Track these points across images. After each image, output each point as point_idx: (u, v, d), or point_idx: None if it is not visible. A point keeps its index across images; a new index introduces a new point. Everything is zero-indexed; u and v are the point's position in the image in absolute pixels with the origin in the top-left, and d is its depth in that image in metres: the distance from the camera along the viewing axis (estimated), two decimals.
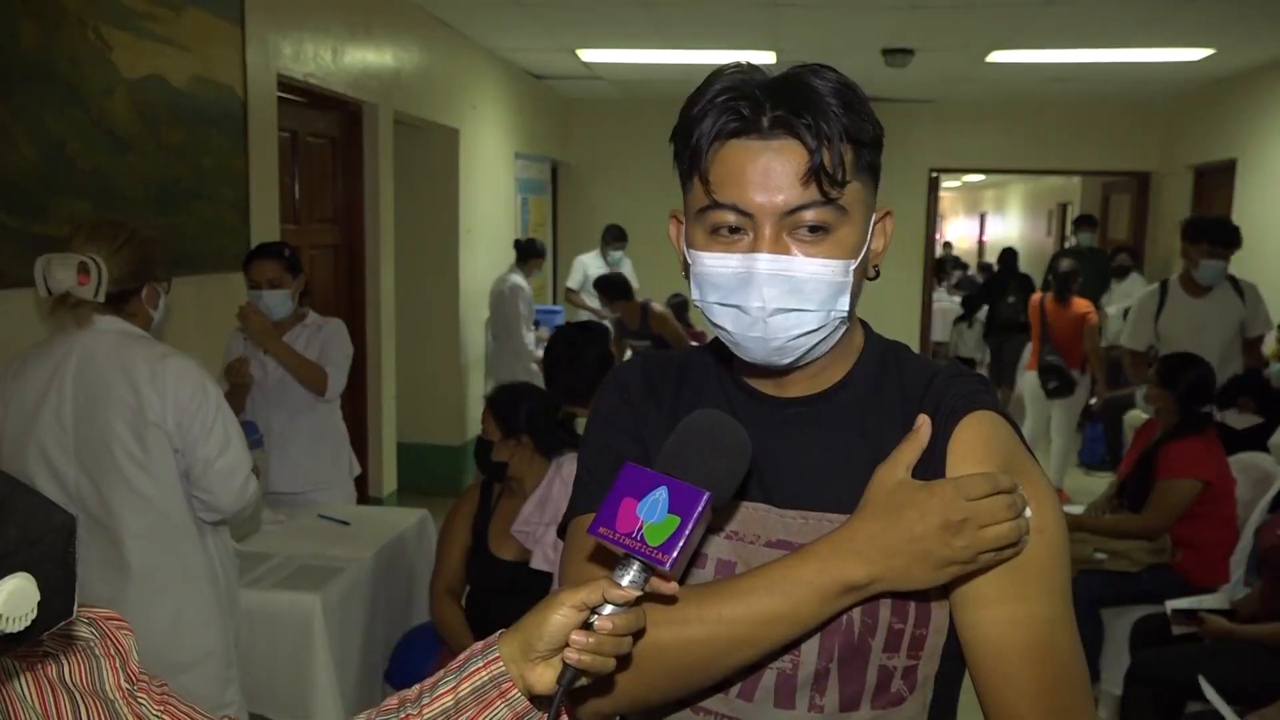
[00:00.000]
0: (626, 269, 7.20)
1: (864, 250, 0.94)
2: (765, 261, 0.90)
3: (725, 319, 0.94)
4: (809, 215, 0.89)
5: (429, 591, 2.84)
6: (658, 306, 5.72)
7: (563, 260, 8.47)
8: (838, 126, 0.88)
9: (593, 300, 7.03)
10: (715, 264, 0.92)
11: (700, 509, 0.82)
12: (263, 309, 3.15)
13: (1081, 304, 6.08)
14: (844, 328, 0.97)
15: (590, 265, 7.08)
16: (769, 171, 0.88)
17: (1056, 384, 6.12)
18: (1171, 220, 7.85)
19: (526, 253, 6.27)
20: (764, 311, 0.91)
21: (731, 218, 0.91)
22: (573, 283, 7.11)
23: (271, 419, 3.23)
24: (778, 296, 0.90)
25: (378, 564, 2.90)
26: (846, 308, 0.93)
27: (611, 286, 5.78)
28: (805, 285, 0.90)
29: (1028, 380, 6.30)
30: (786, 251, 0.90)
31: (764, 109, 0.89)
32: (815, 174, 0.88)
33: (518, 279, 6.13)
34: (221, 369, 3.27)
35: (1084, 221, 7.93)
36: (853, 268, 0.92)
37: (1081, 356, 6.06)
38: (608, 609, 0.82)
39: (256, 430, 2.98)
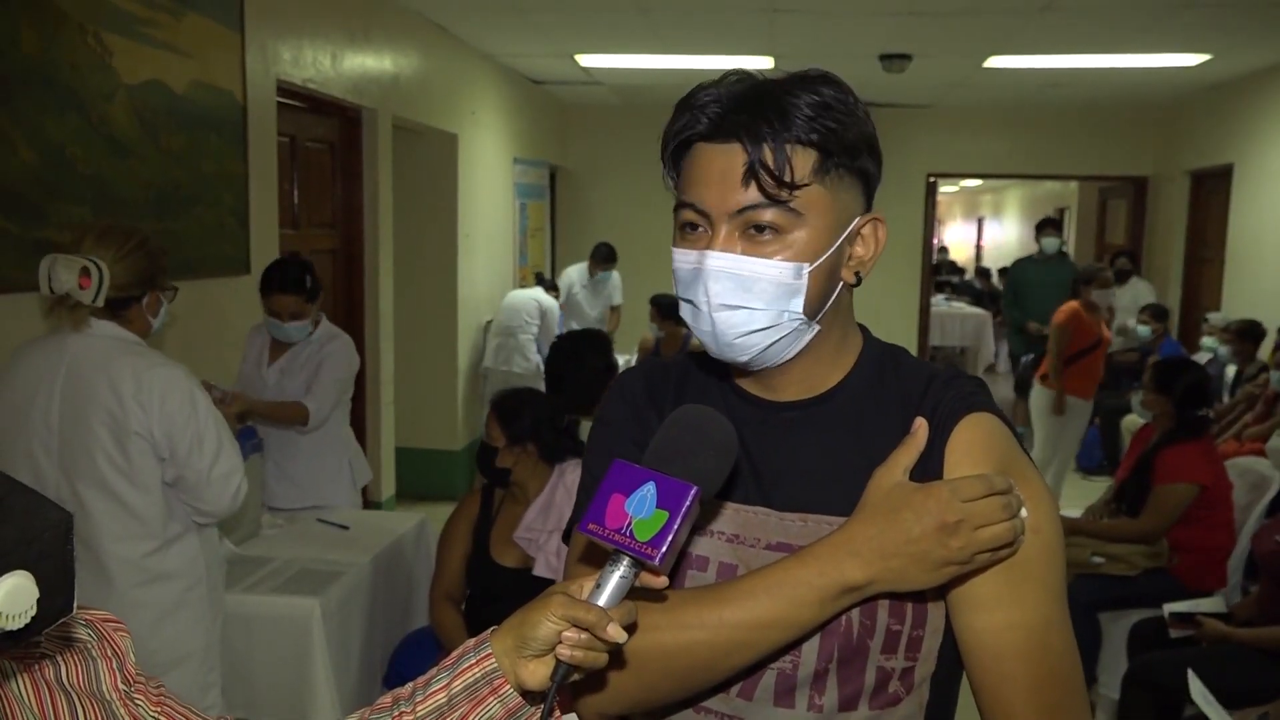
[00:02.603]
0: (613, 282, 7.12)
1: (828, 254, 0.95)
2: (713, 258, 0.94)
3: (686, 312, 0.99)
4: (759, 216, 0.92)
5: (429, 596, 2.84)
6: (698, 341, 5.83)
7: (560, 267, 8.47)
8: (792, 131, 0.90)
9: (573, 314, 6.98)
10: (679, 259, 0.98)
11: (688, 503, 0.83)
12: (281, 336, 3.20)
13: (1069, 307, 5.82)
14: (810, 331, 0.98)
15: (576, 280, 7.03)
16: (724, 174, 0.93)
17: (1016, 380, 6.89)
18: (1169, 225, 7.88)
19: (551, 286, 6.76)
20: (709, 306, 0.95)
21: (693, 216, 0.96)
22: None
23: (269, 436, 3.21)
24: (722, 292, 0.94)
25: (376, 568, 2.91)
26: (801, 309, 0.95)
27: (668, 307, 5.98)
28: (753, 284, 0.93)
29: (1034, 394, 6.00)
30: (735, 250, 0.93)
31: (726, 114, 0.92)
32: (754, 175, 0.91)
33: (556, 303, 6.56)
34: (239, 368, 3.29)
35: (1047, 225, 7.38)
36: (807, 270, 0.94)
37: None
38: (602, 598, 0.83)
39: (255, 434, 2.98)
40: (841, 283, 0.99)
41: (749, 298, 0.93)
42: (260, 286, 3.21)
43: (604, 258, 6.96)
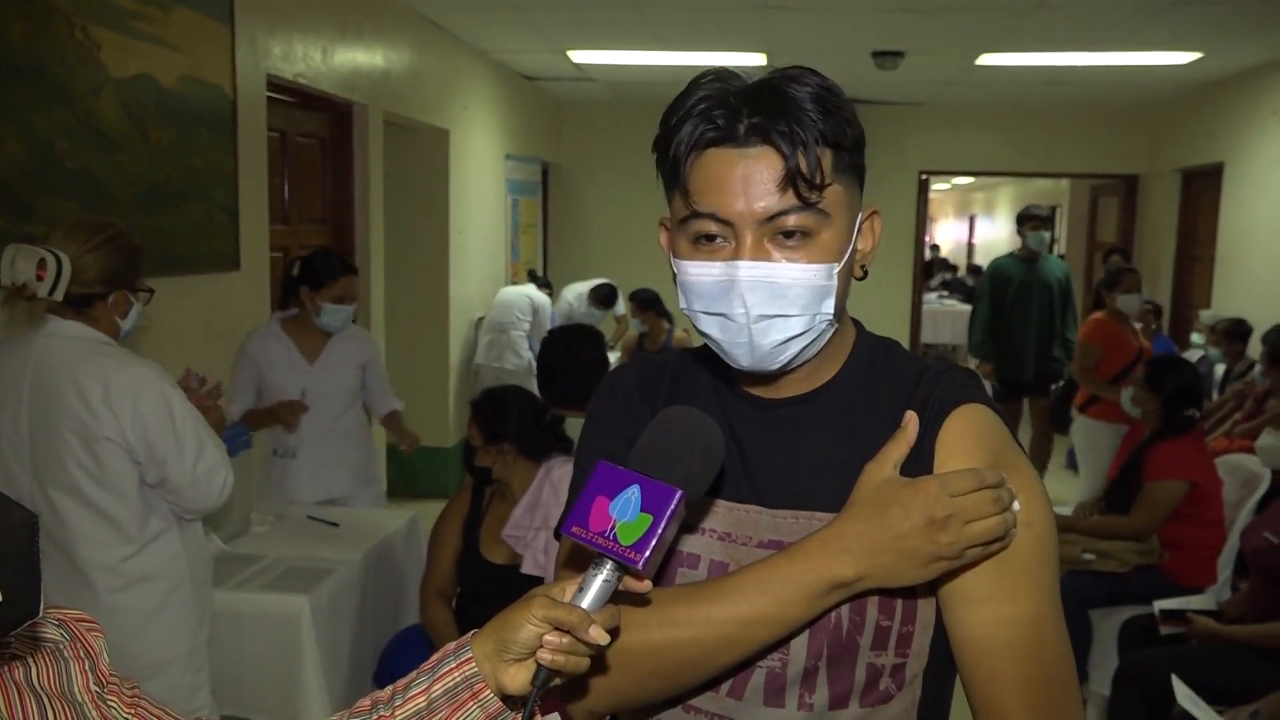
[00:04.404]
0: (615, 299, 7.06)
1: (848, 252, 0.94)
2: (746, 269, 0.90)
3: (712, 327, 0.95)
4: (789, 221, 0.90)
5: (419, 593, 2.83)
6: (682, 334, 5.88)
7: (553, 264, 8.47)
8: (814, 131, 0.88)
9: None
10: (698, 272, 0.93)
11: (673, 507, 0.82)
12: (323, 324, 3.30)
13: (1095, 321, 5.03)
14: (832, 330, 0.97)
15: (576, 306, 6.91)
16: (747, 179, 0.89)
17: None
18: (1159, 223, 7.90)
19: (544, 283, 6.74)
20: (748, 318, 0.91)
21: (712, 226, 0.92)
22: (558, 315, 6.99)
23: (302, 433, 3.32)
24: (760, 303, 0.91)
25: (367, 566, 2.89)
26: (832, 311, 0.93)
27: (648, 301, 6.06)
28: (789, 291, 0.91)
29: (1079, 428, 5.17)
30: (768, 258, 0.91)
31: (740, 116, 0.89)
32: (792, 180, 0.88)
33: (549, 299, 6.56)
34: (255, 379, 3.35)
35: (1032, 216, 5.90)
36: (836, 270, 0.92)
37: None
38: (585, 601, 0.83)
39: (245, 432, 2.96)
40: (850, 278, 0.98)
41: (785, 305, 0.91)
42: (315, 278, 3.26)
43: (603, 299, 6.76)
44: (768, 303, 0.91)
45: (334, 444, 3.40)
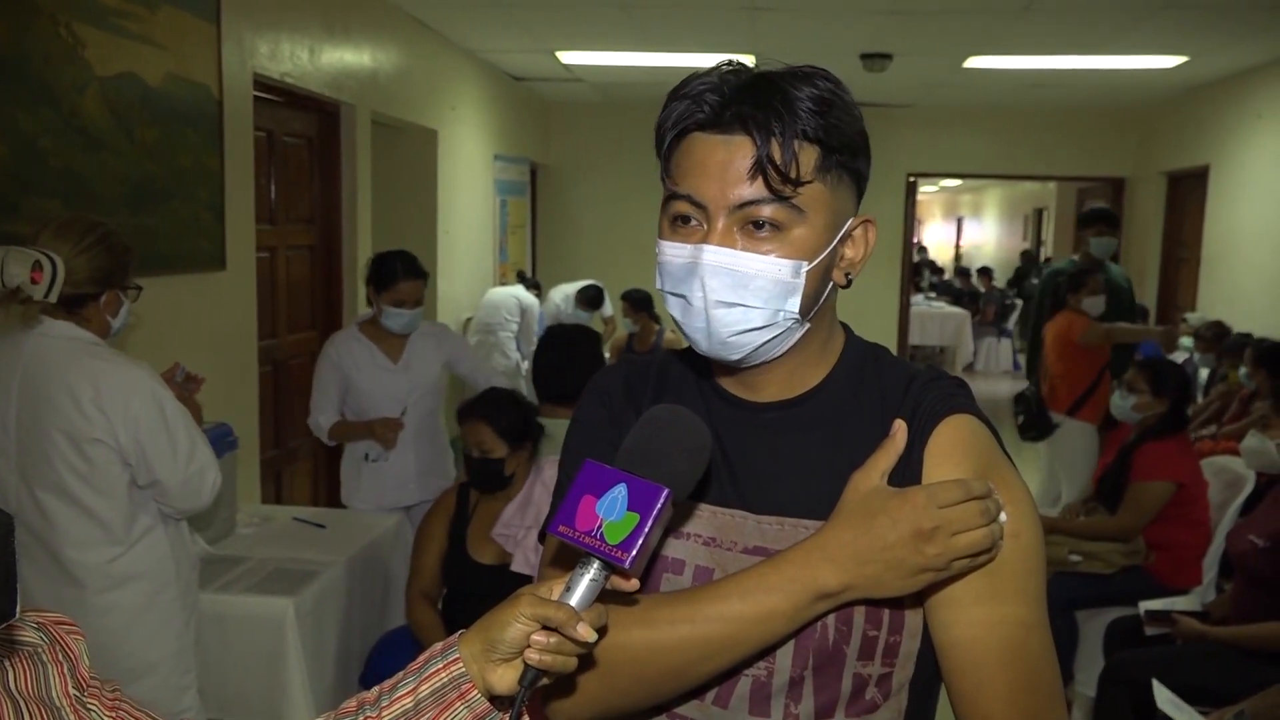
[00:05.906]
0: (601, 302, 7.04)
1: (825, 254, 0.93)
2: (710, 253, 0.90)
3: (675, 308, 0.95)
4: (762, 211, 0.90)
5: (405, 595, 2.82)
6: (671, 335, 5.91)
7: (541, 265, 8.45)
8: (798, 126, 0.88)
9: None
10: (670, 252, 0.94)
11: (659, 506, 0.81)
12: (385, 326, 3.31)
13: (1067, 317, 4.72)
14: (800, 330, 0.96)
15: (563, 307, 6.87)
16: (724, 165, 0.90)
17: (1024, 419, 4.86)
18: (1146, 226, 7.94)
19: (533, 284, 6.83)
20: (705, 303, 0.91)
21: (688, 208, 0.92)
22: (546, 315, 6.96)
23: (414, 433, 3.40)
24: (719, 289, 0.91)
25: (353, 568, 2.88)
26: (796, 309, 0.92)
27: (639, 301, 6.09)
28: (751, 281, 0.91)
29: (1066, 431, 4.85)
30: (734, 245, 0.91)
31: (728, 104, 0.90)
32: (761, 169, 0.88)
33: (537, 300, 6.59)
34: (315, 380, 3.40)
35: (1098, 218, 5.14)
36: (805, 269, 0.91)
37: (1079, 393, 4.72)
38: (572, 600, 0.82)
39: (231, 432, 2.95)
40: (832, 283, 0.97)
41: (745, 295, 0.91)
42: (380, 280, 3.30)
43: (589, 301, 6.71)
44: (728, 290, 0.91)
45: (423, 447, 3.43)
